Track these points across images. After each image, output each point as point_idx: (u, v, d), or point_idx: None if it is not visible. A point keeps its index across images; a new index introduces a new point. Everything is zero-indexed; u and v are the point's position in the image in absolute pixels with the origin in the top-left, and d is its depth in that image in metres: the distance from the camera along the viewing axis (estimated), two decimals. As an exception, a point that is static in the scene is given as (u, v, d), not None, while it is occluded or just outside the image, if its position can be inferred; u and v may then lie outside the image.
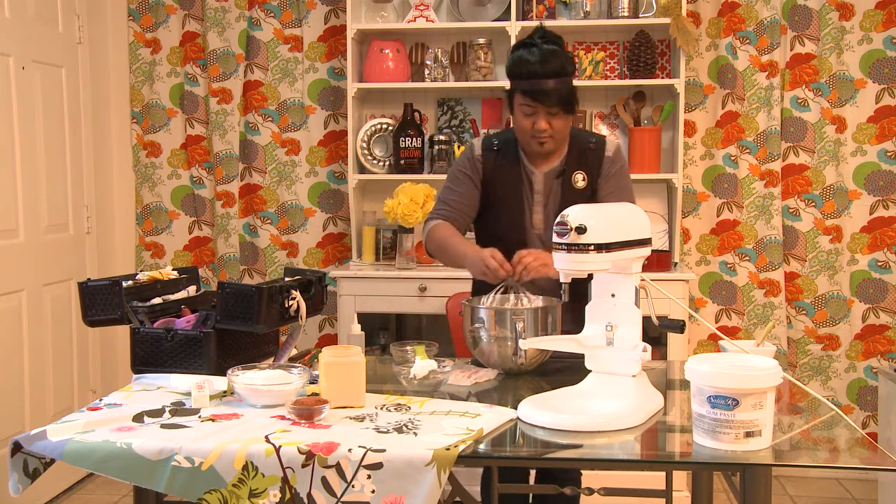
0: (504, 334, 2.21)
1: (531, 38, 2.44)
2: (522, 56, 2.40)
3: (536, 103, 2.39)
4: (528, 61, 2.38)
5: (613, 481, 2.55)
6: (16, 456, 1.76)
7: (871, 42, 3.77)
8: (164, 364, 2.17)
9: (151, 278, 2.37)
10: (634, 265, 1.99)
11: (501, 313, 2.23)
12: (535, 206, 2.52)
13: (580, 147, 2.53)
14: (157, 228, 4.24)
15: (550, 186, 2.52)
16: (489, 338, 2.24)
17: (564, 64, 2.40)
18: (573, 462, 2.06)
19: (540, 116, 2.41)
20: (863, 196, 3.83)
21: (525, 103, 2.41)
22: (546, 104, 2.39)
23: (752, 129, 3.83)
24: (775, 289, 3.85)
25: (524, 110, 2.43)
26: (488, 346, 2.24)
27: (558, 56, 2.39)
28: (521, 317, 2.19)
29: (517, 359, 2.20)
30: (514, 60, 2.43)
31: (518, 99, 2.44)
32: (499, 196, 2.54)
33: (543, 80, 2.38)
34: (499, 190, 2.54)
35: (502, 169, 2.54)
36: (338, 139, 4.10)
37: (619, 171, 2.54)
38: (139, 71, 4.19)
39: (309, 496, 1.65)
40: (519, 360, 2.21)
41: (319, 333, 4.15)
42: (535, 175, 2.52)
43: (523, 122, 2.44)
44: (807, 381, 3.87)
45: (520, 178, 2.53)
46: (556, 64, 2.38)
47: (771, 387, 1.65)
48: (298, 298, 2.27)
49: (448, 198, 2.58)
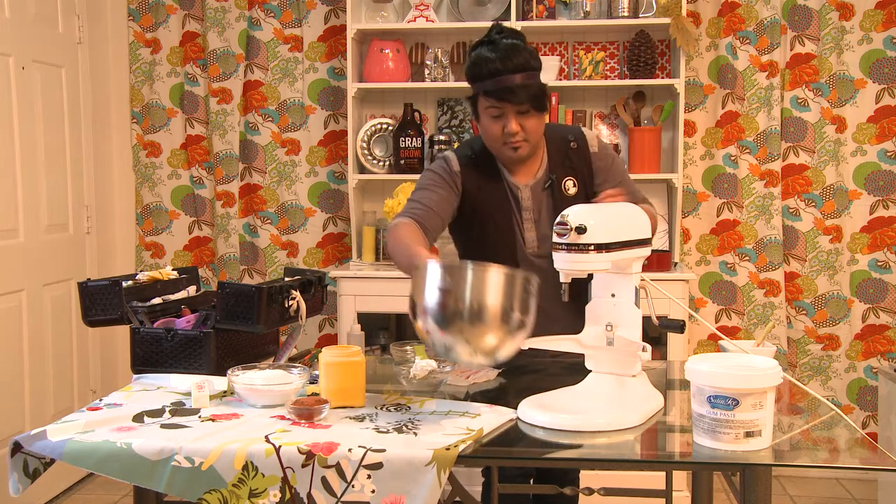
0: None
1: (488, 35, 2.22)
2: (482, 54, 2.19)
3: (504, 103, 2.17)
4: (489, 59, 2.16)
5: (613, 481, 2.55)
6: (16, 456, 1.76)
7: (871, 42, 3.77)
8: (164, 364, 2.17)
9: (151, 278, 2.37)
10: (634, 265, 1.99)
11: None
12: (525, 224, 2.32)
13: (561, 149, 2.33)
14: (157, 228, 4.24)
15: (540, 200, 2.31)
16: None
17: (529, 59, 2.18)
18: (573, 462, 2.06)
19: (509, 118, 2.19)
20: (863, 196, 3.83)
21: (491, 105, 2.19)
22: (514, 102, 2.17)
23: (752, 129, 3.83)
24: (775, 289, 3.85)
25: (491, 113, 2.20)
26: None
27: (521, 50, 2.18)
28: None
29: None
30: (473, 60, 2.21)
31: (483, 102, 2.22)
32: (484, 217, 2.31)
33: (508, 77, 2.15)
34: (483, 210, 2.31)
35: (484, 187, 2.31)
36: (338, 139, 4.10)
37: (612, 163, 2.36)
38: (139, 71, 4.19)
39: (309, 496, 1.65)
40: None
41: (319, 333, 4.15)
42: (521, 190, 2.31)
43: (492, 128, 2.22)
44: (807, 381, 3.87)
45: (504, 195, 2.31)
46: (520, 59, 2.16)
47: (771, 387, 1.65)
48: (298, 298, 2.27)
49: (421, 197, 2.28)
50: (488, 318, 1.71)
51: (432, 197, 2.26)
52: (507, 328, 1.73)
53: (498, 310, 1.71)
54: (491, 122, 2.22)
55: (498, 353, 1.75)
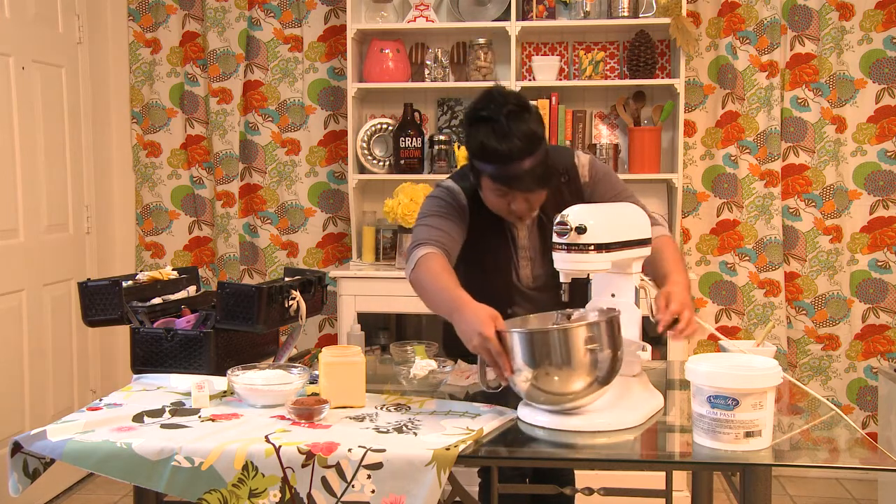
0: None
1: (488, 108, 2.05)
2: (485, 135, 2.03)
3: (510, 189, 2.09)
4: (496, 149, 2.02)
5: (613, 481, 2.55)
6: (16, 456, 1.76)
7: (871, 42, 3.77)
8: (164, 364, 2.17)
9: (151, 278, 2.37)
10: (634, 265, 1.99)
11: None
12: (520, 262, 2.28)
13: (554, 187, 2.21)
14: (157, 228, 4.24)
15: (535, 238, 2.27)
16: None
17: (534, 136, 2.04)
18: (573, 462, 2.06)
19: (515, 197, 2.11)
20: (863, 196, 3.83)
21: (496, 188, 2.11)
22: (521, 189, 2.08)
23: (752, 129, 3.83)
24: (775, 289, 3.85)
25: (496, 192, 2.12)
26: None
27: (527, 132, 2.03)
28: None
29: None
30: (478, 146, 2.06)
31: (486, 182, 2.12)
32: (483, 253, 2.27)
33: (516, 166, 2.03)
34: (481, 247, 2.27)
35: (484, 224, 2.25)
36: (338, 139, 4.10)
37: (600, 181, 2.28)
38: (139, 71, 4.19)
39: (309, 496, 1.65)
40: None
41: (319, 333, 4.15)
42: (519, 230, 2.27)
43: (496, 203, 2.16)
44: (807, 381, 3.87)
45: (503, 234, 2.27)
46: (527, 141, 2.02)
47: (771, 387, 1.65)
48: (298, 298, 2.27)
49: (440, 225, 2.18)
50: (577, 378, 1.79)
51: (451, 226, 2.19)
52: (594, 378, 1.80)
53: (586, 367, 1.78)
54: (495, 197, 2.14)
55: (588, 398, 1.84)
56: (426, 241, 2.14)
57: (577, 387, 1.79)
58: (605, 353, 1.79)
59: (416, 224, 2.24)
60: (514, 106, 2.05)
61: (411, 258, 2.13)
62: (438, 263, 2.07)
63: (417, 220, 2.24)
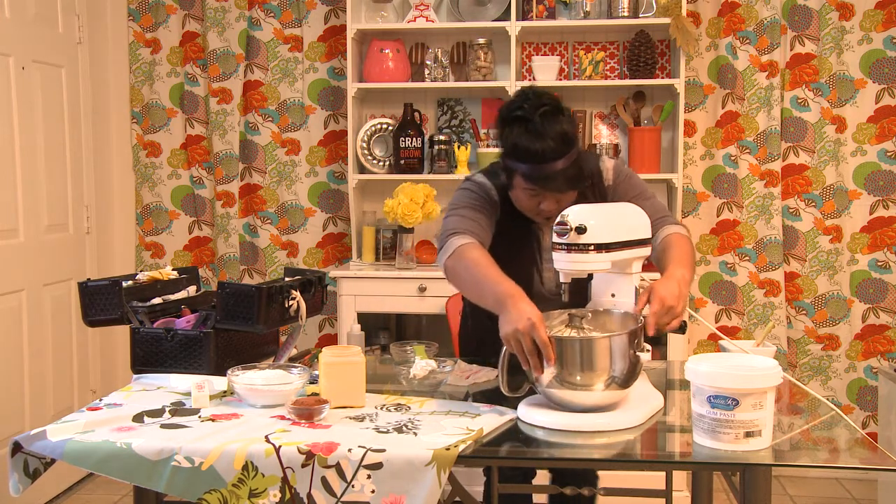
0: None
1: (523, 108, 2.07)
2: (519, 134, 2.06)
3: (542, 189, 2.10)
4: (529, 149, 2.04)
5: (613, 481, 2.55)
6: (16, 456, 1.76)
7: (871, 42, 3.77)
8: (164, 364, 2.17)
9: (151, 278, 2.37)
10: (634, 265, 1.99)
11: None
12: (544, 265, 2.29)
13: (580, 190, 2.22)
14: (157, 228, 4.24)
15: None
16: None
17: (568, 136, 2.06)
18: (573, 462, 2.06)
19: (546, 198, 2.13)
20: (863, 196, 3.83)
21: (528, 187, 2.12)
22: (553, 189, 2.10)
23: (752, 129, 3.83)
24: (775, 289, 3.85)
25: (528, 192, 2.14)
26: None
27: (561, 132, 2.05)
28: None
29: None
30: (511, 145, 2.09)
31: (518, 181, 2.13)
32: (508, 251, 2.26)
33: (550, 166, 2.05)
34: (507, 245, 2.27)
35: (512, 224, 2.27)
36: (338, 139, 4.10)
37: (624, 180, 2.29)
38: (139, 71, 4.19)
39: (309, 496, 1.65)
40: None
41: (319, 333, 4.15)
42: (545, 233, 2.28)
43: (527, 202, 2.17)
44: (807, 381, 3.87)
45: (528, 235, 2.29)
46: (561, 141, 2.05)
47: (771, 387, 1.65)
48: (298, 298, 2.27)
49: (475, 216, 2.20)
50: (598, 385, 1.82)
51: (483, 219, 2.20)
52: (615, 385, 1.84)
53: (606, 373, 1.81)
54: (526, 197, 2.15)
55: (607, 402, 1.86)
56: (462, 230, 2.15)
57: (604, 389, 1.82)
58: (636, 358, 1.85)
59: (447, 214, 2.24)
60: (548, 106, 2.06)
61: (447, 245, 2.13)
62: (480, 253, 2.07)
63: (449, 210, 2.24)
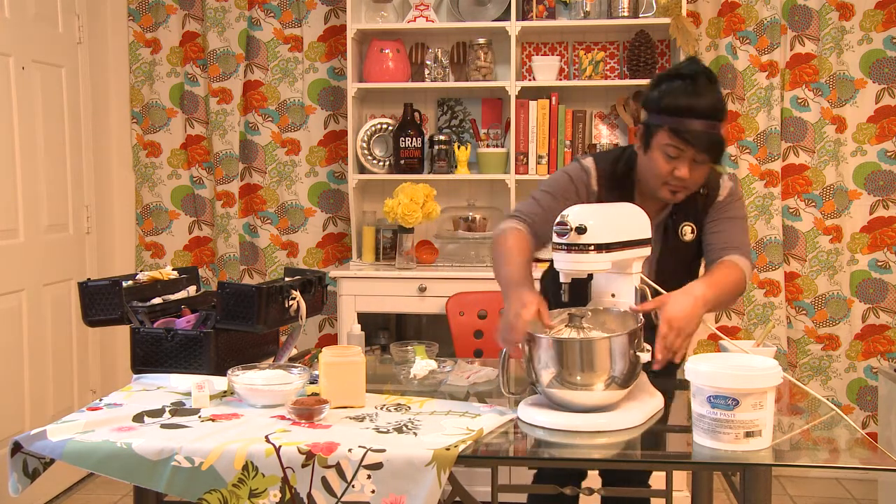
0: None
1: (689, 67, 2.12)
2: (679, 88, 2.06)
3: (687, 146, 2.05)
4: (689, 102, 2.04)
5: (613, 481, 2.54)
6: (16, 456, 1.76)
7: (871, 42, 3.77)
8: (164, 364, 2.17)
9: (151, 278, 2.37)
10: (634, 265, 1.99)
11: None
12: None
13: (690, 194, 2.20)
14: (157, 228, 4.24)
15: (656, 240, 2.21)
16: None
17: (723, 107, 2.09)
18: (573, 462, 2.06)
19: (684, 162, 2.07)
20: (863, 196, 3.83)
21: (672, 144, 2.06)
22: (698, 149, 2.05)
23: (752, 129, 3.83)
24: (775, 289, 3.85)
25: (668, 152, 2.07)
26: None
27: (718, 97, 2.08)
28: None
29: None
30: (667, 91, 2.08)
31: (662, 138, 2.07)
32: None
33: (702, 122, 2.03)
34: None
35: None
36: (338, 139, 4.10)
37: (731, 202, 2.24)
38: (139, 71, 4.19)
39: (309, 496, 1.65)
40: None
41: (319, 333, 4.15)
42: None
43: (661, 166, 2.10)
44: (807, 381, 3.87)
45: None
46: (718, 106, 2.07)
47: (771, 387, 1.65)
48: (298, 298, 2.27)
49: (545, 202, 2.19)
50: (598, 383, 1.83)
51: (556, 206, 2.12)
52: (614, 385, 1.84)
53: (606, 373, 1.82)
54: (663, 160, 2.09)
55: (607, 402, 1.87)
56: (522, 215, 2.18)
57: (604, 389, 1.83)
58: (636, 358, 1.85)
59: (534, 191, 2.25)
60: (710, 75, 2.11)
61: (501, 225, 2.18)
62: (515, 241, 2.10)
63: (537, 189, 2.25)
